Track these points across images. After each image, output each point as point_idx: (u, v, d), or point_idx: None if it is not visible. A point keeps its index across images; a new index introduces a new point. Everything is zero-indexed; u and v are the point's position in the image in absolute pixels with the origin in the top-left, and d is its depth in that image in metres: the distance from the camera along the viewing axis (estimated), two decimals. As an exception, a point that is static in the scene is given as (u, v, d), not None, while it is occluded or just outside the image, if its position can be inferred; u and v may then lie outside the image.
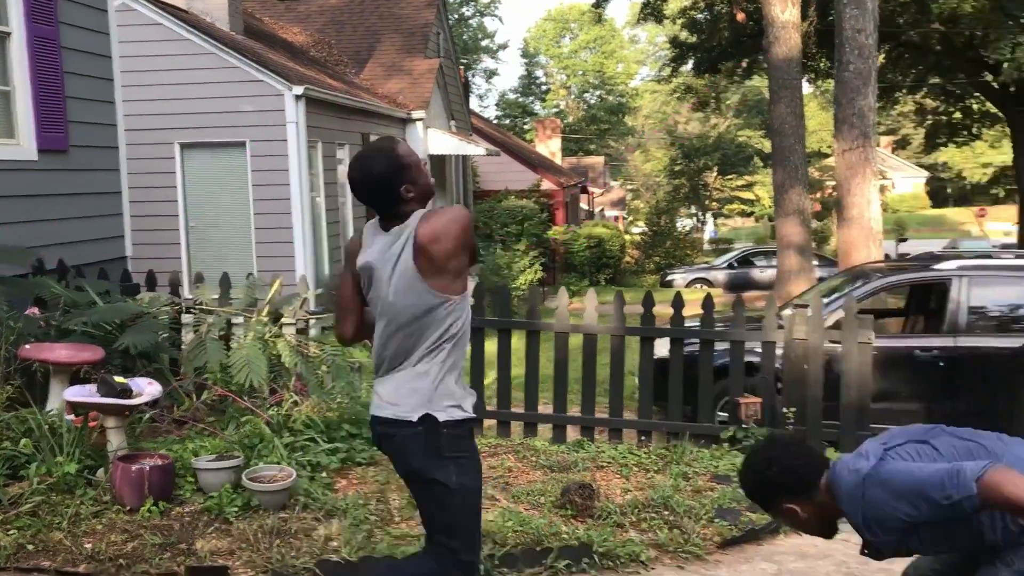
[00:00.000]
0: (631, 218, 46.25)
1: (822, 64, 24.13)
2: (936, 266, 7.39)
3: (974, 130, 29.62)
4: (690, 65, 25.74)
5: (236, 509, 4.31)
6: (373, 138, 14.81)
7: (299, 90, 11.48)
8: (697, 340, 6.15)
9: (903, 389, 6.95)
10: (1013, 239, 27.00)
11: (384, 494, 4.74)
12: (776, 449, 2.68)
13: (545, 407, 6.65)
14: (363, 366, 6.25)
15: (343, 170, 13.68)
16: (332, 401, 5.63)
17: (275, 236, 11.72)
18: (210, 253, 11.66)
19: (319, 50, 17.47)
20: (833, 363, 6.05)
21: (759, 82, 36.74)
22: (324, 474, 4.89)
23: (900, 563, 4.21)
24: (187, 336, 6.16)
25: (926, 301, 8.10)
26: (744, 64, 25.24)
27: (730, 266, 25.35)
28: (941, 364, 6.91)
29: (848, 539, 4.52)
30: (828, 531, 2.70)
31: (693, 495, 4.88)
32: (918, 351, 7.01)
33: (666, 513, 4.58)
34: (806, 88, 36.09)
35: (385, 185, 2.74)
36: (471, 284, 3.23)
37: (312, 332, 6.24)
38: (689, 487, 5.02)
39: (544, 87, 65.19)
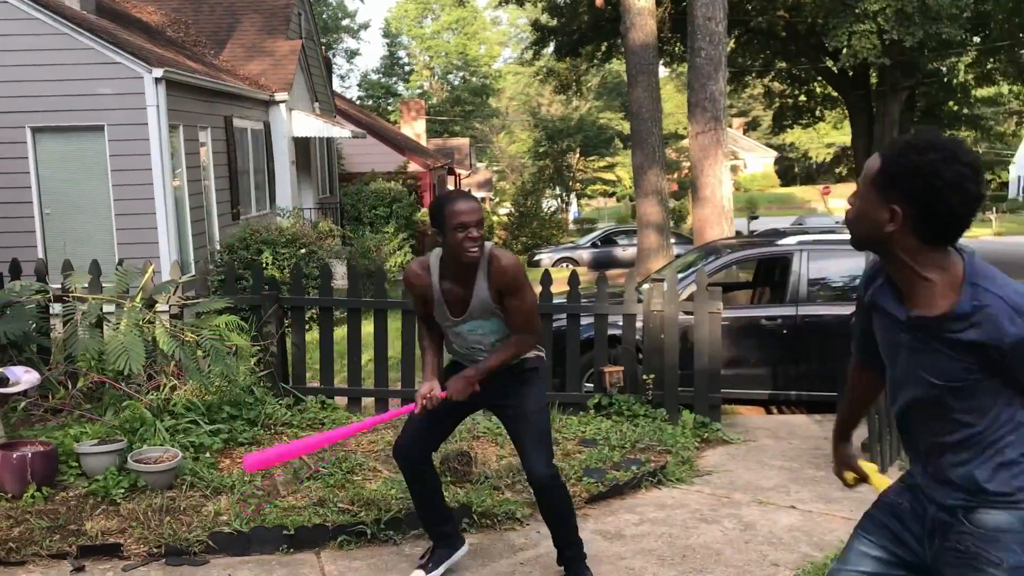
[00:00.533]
0: (498, 199, 46.81)
1: (677, 49, 25.10)
2: (779, 242, 8.01)
3: (817, 112, 31.49)
4: (551, 48, 26.27)
5: (123, 491, 4.38)
6: (237, 121, 14.62)
7: (159, 72, 11.24)
8: (564, 315, 6.52)
9: (752, 356, 7.52)
10: (853, 216, 28.79)
11: (269, 470, 4.89)
12: (968, 168, 1.99)
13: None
14: (240, 349, 6.32)
15: (206, 152, 13.46)
16: (211, 384, 5.71)
17: (138, 222, 11.46)
18: (68, 240, 11.29)
19: (176, 30, 17.00)
20: (688, 333, 6.53)
21: (618, 65, 37.75)
22: (208, 454, 4.99)
23: (748, 508, 4.70)
24: (56, 324, 6.08)
25: (772, 274, 8.76)
26: (604, 48, 25.96)
27: (594, 245, 26.12)
28: (785, 332, 7.51)
29: (701, 491, 5.00)
30: (866, 249, 2.16)
31: (563, 458, 5.23)
32: (764, 320, 7.61)
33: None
34: (663, 72, 37.29)
35: None
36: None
37: (187, 317, 6.27)
38: (559, 451, 5.37)
39: (407, 68, 64.84)
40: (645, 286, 7.01)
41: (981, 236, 42.60)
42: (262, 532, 4.06)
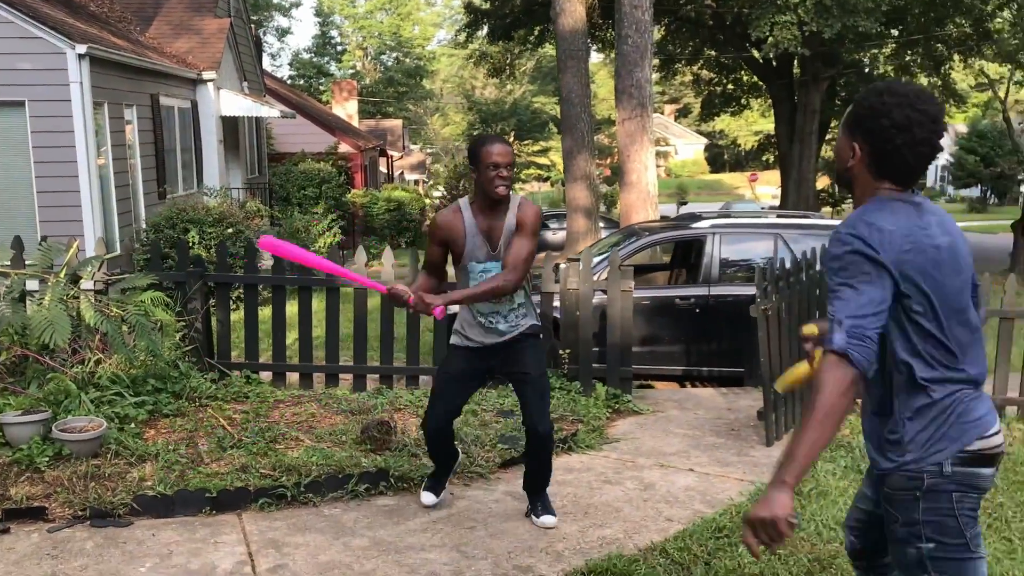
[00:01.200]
0: (431, 182, 46.76)
1: (608, 35, 25.44)
2: (693, 225, 8.36)
3: (744, 101, 32.23)
4: (485, 31, 26.38)
5: (47, 459, 4.50)
6: (163, 99, 14.49)
7: (82, 49, 11.11)
8: (484, 292, 6.74)
9: (667, 334, 7.87)
10: (779, 201, 29.64)
11: (193, 440, 5.05)
12: (919, 113, 2.19)
13: (346, 362, 7.06)
14: (165, 325, 6.42)
15: (132, 130, 13.33)
16: (136, 359, 5.81)
17: (61, 199, 11.34)
18: (-12, 217, 11.14)
19: (100, 5, 16.68)
20: (605, 311, 6.82)
21: (552, 50, 37.95)
22: (133, 425, 5.12)
23: (649, 471, 5.00)
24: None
25: (687, 256, 9.13)
26: (536, 32, 26.16)
27: (525, 228, 26.34)
28: (697, 311, 7.87)
29: (608, 456, 5.30)
30: (841, 184, 2.42)
31: (480, 427, 5.49)
32: (678, 300, 7.96)
33: (456, 443, 5.15)
34: (597, 58, 37.65)
35: None
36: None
37: (111, 294, 6.34)
38: (477, 421, 5.63)
39: (340, 48, 64.18)
40: (562, 266, 7.28)
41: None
42: (185, 495, 4.23)
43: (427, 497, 4.44)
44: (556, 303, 6.74)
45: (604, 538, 4.07)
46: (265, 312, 8.44)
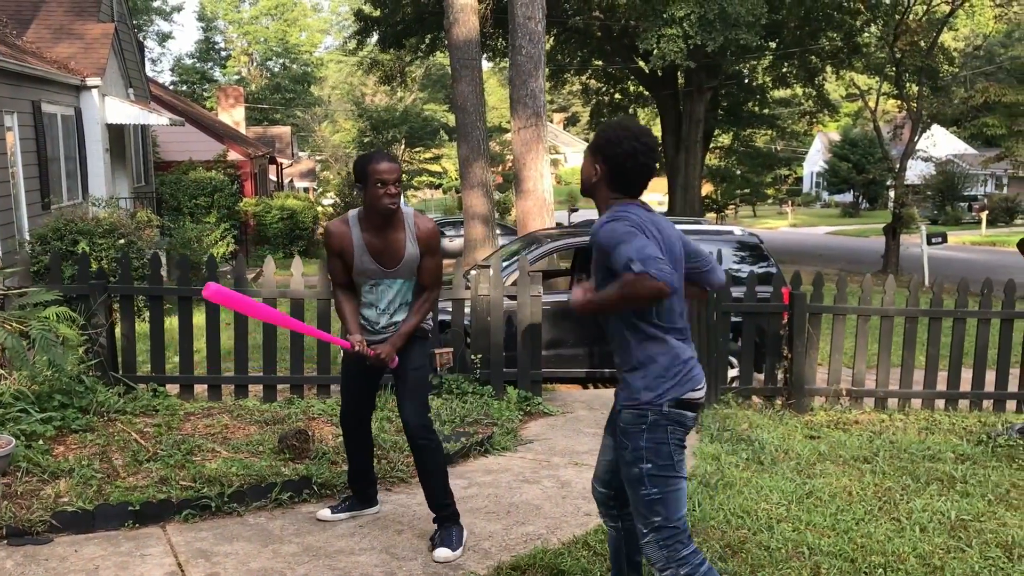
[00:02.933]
0: (322, 189, 46.23)
1: (500, 44, 25.76)
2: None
3: (631, 110, 33.09)
4: (375, 39, 26.29)
5: (-46, 479, 4.36)
6: (45, 106, 13.97)
7: (-40, 53, 10.66)
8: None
9: (569, 337, 8.11)
10: (666, 208, 30.53)
11: (106, 454, 4.96)
12: (642, 145, 2.90)
13: (256, 372, 7.01)
14: (67, 339, 6.26)
15: (12, 139, 12.80)
16: (39, 374, 5.66)
17: (-63, 211, 10.85)
18: None
19: (-28, 7, 15.98)
20: (513, 317, 6.99)
21: (443, 57, 38.08)
22: (41, 442, 4.99)
23: (565, 469, 5.19)
24: None
25: (588, 262, 9.39)
26: (428, 40, 26.24)
27: (420, 236, 26.31)
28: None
29: (524, 457, 5.46)
30: (585, 195, 3.06)
31: (397, 433, 5.56)
32: (581, 304, 8.19)
33: (374, 449, 5.22)
34: (487, 66, 37.94)
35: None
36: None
37: (8, 308, 6.14)
38: (393, 427, 5.71)
39: (224, 53, 62.75)
40: (472, 273, 7.42)
41: (779, 227, 46.03)
42: (107, 509, 4.17)
43: (324, 512, 4.37)
44: (467, 309, 6.87)
45: (528, 535, 4.23)
46: (171, 323, 8.29)
